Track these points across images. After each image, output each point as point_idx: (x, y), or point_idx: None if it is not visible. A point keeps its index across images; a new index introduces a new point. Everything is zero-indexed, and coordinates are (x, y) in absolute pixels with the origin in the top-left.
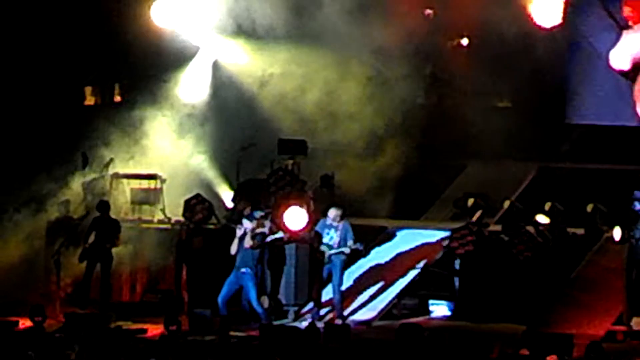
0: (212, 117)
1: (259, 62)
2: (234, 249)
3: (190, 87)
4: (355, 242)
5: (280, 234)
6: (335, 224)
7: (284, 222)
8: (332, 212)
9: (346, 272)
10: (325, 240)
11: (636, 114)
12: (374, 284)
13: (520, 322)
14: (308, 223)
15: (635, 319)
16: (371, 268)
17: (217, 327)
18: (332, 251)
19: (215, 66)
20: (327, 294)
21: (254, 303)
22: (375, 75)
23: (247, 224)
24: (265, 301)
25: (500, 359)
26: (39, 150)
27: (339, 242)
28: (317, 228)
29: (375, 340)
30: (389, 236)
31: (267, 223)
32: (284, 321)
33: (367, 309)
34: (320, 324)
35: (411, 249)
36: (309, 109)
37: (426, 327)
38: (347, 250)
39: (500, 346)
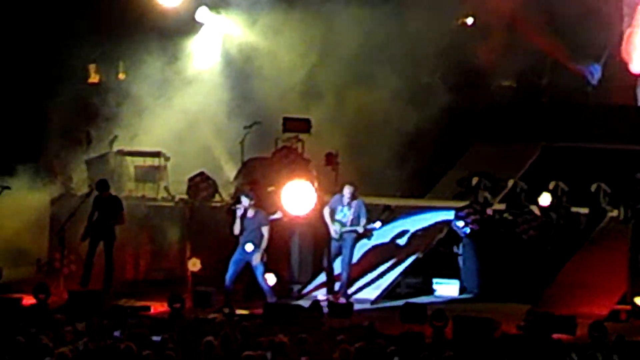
0: (217, 94)
1: (262, 38)
2: (236, 229)
3: (195, 65)
4: (368, 222)
5: (278, 214)
6: (348, 201)
7: (288, 202)
8: (347, 190)
9: None
10: (338, 217)
11: None
12: (378, 263)
13: (524, 302)
14: (313, 202)
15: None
16: (375, 247)
17: (221, 305)
18: (345, 229)
19: (220, 42)
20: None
21: (260, 279)
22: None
23: (245, 202)
24: (272, 278)
25: (503, 338)
26: (44, 128)
27: (352, 220)
28: (332, 204)
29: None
30: (394, 215)
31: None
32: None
33: (371, 288)
34: (323, 302)
35: (416, 228)
36: (312, 86)
37: (430, 307)
38: (360, 229)
39: (503, 326)
